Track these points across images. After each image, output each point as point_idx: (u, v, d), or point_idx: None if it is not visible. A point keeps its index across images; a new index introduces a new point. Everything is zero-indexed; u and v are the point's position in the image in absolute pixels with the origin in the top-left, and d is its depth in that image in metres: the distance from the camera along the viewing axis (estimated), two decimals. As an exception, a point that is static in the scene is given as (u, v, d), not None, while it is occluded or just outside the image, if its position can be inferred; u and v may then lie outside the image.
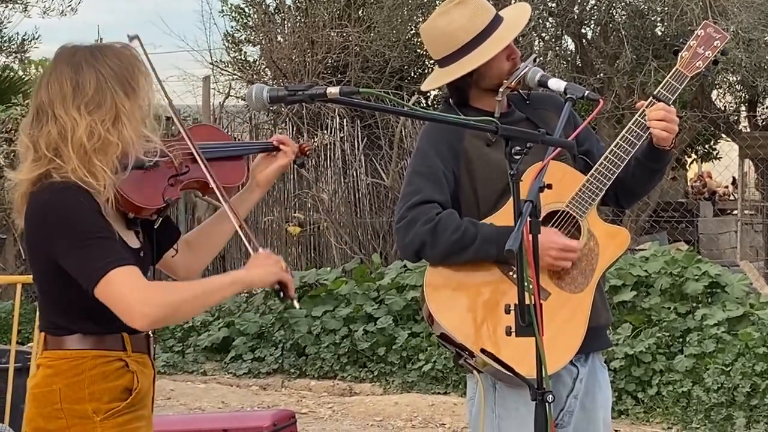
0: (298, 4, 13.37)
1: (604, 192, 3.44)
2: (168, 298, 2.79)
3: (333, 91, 2.76)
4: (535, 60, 3.57)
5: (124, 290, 2.74)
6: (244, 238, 3.04)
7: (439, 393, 8.39)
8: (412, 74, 13.40)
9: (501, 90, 3.50)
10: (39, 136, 2.83)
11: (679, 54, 3.52)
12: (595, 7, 11.82)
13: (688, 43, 3.52)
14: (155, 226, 3.01)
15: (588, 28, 12.32)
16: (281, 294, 2.99)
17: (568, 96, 3.42)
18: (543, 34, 12.13)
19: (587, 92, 3.44)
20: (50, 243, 2.79)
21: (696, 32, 3.54)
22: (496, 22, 3.51)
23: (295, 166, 3.35)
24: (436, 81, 3.63)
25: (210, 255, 3.25)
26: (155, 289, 2.81)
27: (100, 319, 2.85)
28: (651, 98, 3.48)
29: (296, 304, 3.03)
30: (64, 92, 2.82)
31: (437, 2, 11.65)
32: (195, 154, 3.01)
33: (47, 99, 2.84)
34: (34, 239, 2.85)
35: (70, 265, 2.77)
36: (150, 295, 2.76)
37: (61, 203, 2.78)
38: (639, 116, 3.47)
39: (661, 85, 3.49)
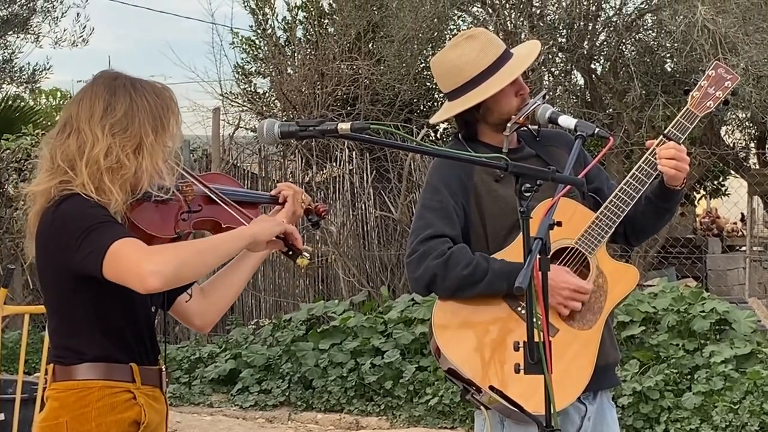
0: (309, 37, 13.42)
1: (613, 230, 3.44)
2: (173, 254, 2.74)
3: (344, 126, 2.77)
4: (544, 96, 3.57)
5: (129, 256, 2.71)
6: None
7: (446, 428, 8.35)
8: (422, 107, 13.42)
9: (509, 125, 3.50)
10: (58, 147, 2.86)
11: (690, 93, 3.52)
12: (605, 43, 11.84)
13: (699, 83, 3.52)
14: None
15: (597, 64, 12.34)
16: (290, 252, 2.99)
17: (579, 133, 3.41)
18: (552, 69, 12.15)
19: (597, 129, 3.43)
20: (61, 248, 2.79)
21: (707, 72, 3.54)
22: (505, 57, 3.52)
23: (309, 224, 3.33)
24: (443, 114, 3.64)
25: (225, 303, 3.21)
26: (159, 249, 2.79)
27: (110, 344, 2.85)
28: (661, 137, 3.48)
29: (307, 255, 3.01)
30: (93, 109, 2.85)
31: (447, 36, 11.68)
32: (208, 191, 3.06)
33: (76, 113, 2.87)
34: (47, 251, 2.84)
35: (79, 260, 2.75)
36: (155, 254, 2.73)
37: (68, 208, 2.80)
38: (649, 155, 3.46)
39: (672, 124, 3.49)
